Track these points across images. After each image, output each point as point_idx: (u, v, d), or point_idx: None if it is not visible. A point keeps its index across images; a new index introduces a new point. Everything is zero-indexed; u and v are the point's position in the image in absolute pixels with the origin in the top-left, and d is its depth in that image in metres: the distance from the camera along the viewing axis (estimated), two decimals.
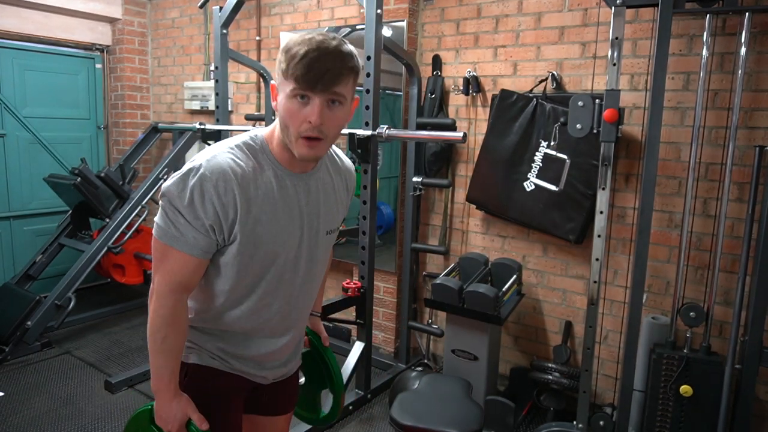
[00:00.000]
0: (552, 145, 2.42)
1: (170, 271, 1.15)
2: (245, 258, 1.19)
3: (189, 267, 1.15)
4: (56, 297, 3.21)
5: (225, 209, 1.12)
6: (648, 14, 2.33)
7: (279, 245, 1.22)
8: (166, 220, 1.13)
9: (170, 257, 1.14)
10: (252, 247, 1.18)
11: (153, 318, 1.17)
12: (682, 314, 2.09)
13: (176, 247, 1.13)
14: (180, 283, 1.16)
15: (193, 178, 1.10)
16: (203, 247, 1.14)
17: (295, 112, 1.09)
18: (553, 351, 2.65)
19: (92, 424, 2.48)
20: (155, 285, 1.16)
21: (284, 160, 1.20)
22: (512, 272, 2.61)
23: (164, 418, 1.20)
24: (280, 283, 1.27)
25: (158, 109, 4.50)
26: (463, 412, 1.99)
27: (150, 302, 1.18)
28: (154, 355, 1.18)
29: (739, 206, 2.21)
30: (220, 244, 1.17)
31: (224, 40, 3.02)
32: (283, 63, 1.09)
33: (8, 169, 3.84)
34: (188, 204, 1.10)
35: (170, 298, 1.16)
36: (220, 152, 1.16)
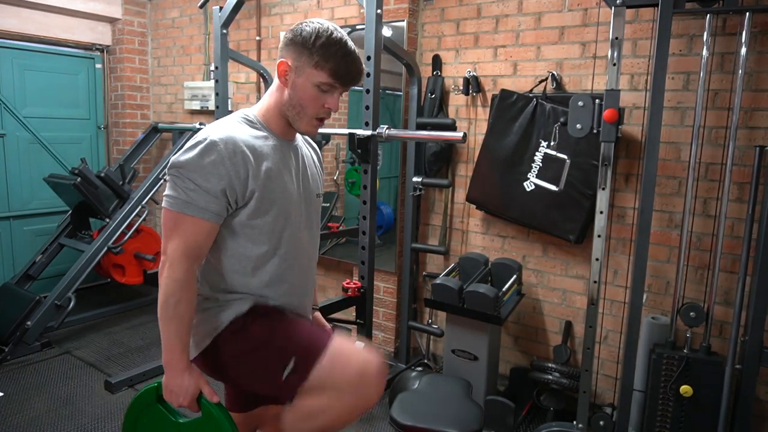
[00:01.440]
0: (552, 145, 2.42)
1: (183, 238, 1.17)
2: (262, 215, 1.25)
3: (202, 232, 1.19)
4: (56, 297, 3.21)
5: (236, 168, 1.18)
6: (648, 14, 2.33)
7: (288, 201, 1.30)
8: (177, 188, 1.17)
9: (183, 224, 1.17)
10: (268, 203, 1.25)
11: (166, 284, 1.17)
12: (682, 314, 2.09)
13: (188, 213, 1.17)
14: (193, 249, 1.19)
15: (202, 146, 1.17)
16: (215, 210, 1.18)
17: (316, 97, 1.24)
18: (553, 351, 2.65)
19: (92, 424, 2.48)
20: (168, 254, 1.18)
21: (278, 130, 1.32)
22: (512, 272, 2.61)
23: (175, 391, 1.20)
24: (297, 243, 1.34)
25: (158, 109, 4.50)
26: (463, 412, 1.99)
27: (161, 274, 1.18)
28: (167, 323, 1.19)
29: (739, 206, 2.21)
30: (232, 207, 1.21)
31: (224, 40, 3.01)
32: (316, 55, 1.21)
33: (8, 169, 3.84)
34: (199, 169, 1.15)
35: (184, 263, 1.18)
36: (224, 124, 1.25)
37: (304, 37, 1.22)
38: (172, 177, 1.18)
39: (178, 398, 1.20)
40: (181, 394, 1.20)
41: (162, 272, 1.19)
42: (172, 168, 1.18)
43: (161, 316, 1.19)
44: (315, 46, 1.21)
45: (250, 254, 1.27)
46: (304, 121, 1.27)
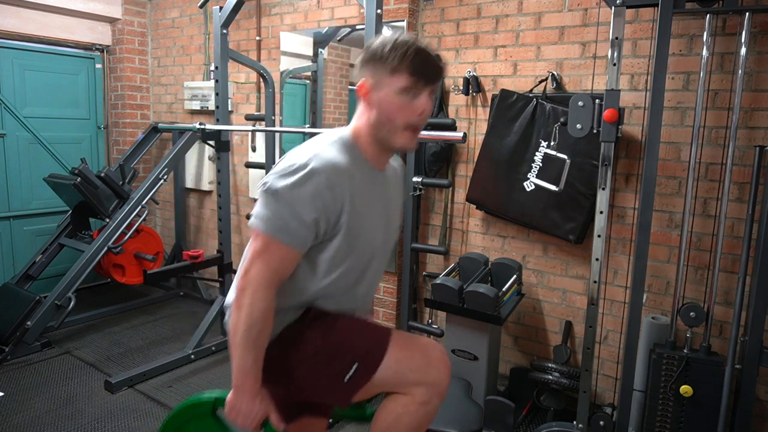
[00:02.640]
0: (552, 145, 2.42)
1: (271, 263, 1.15)
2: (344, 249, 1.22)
3: (288, 259, 1.17)
4: (56, 297, 3.21)
5: (334, 201, 1.15)
6: (648, 14, 2.33)
7: (373, 237, 1.27)
8: (271, 212, 1.14)
9: (272, 249, 1.15)
10: (353, 239, 1.22)
11: (251, 312, 1.14)
12: (682, 314, 2.09)
13: (280, 239, 1.14)
14: (277, 276, 1.17)
15: (303, 173, 1.12)
16: (304, 239, 1.16)
17: (404, 105, 1.18)
18: (553, 351, 2.65)
19: (92, 424, 2.48)
20: (251, 277, 1.15)
21: (371, 157, 1.27)
22: (512, 272, 2.61)
23: (244, 413, 1.19)
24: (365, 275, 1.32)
25: (158, 109, 4.50)
26: (463, 412, 1.99)
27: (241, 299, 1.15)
28: (246, 351, 1.16)
29: (739, 206, 2.20)
30: (319, 238, 1.19)
31: (224, 40, 3.02)
32: (389, 61, 1.16)
33: (8, 169, 3.84)
34: (297, 197, 1.12)
35: (269, 291, 1.16)
36: (323, 148, 1.19)
37: (374, 50, 1.19)
38: (267, 198, 1.15)
39: (245, 421, 1.20)
40: (249, 416, 1.19)
41: (242, 297, 1.15)
42: (268, 190, 1.14)
43: (240, 342, 1.15)
44: (385, 52, 1.17)
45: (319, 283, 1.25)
46: (398, 136, 1.21)
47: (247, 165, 3.70)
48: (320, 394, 1.31)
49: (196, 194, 4.33)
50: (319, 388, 1.28)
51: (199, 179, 4.22)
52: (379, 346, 1.25)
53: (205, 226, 4.31)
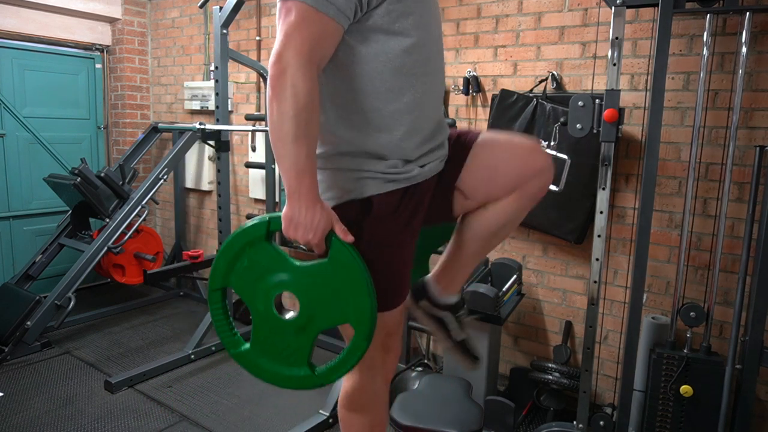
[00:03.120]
0: (552, 145, 2.41)
1: (307, 38, 0.97)
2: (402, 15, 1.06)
3: (327, 33, 1.00)
4: (56, 297, 3.21)
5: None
6: (648, 14, 2.33)
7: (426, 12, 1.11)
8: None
9: (308, 20, 0.98)
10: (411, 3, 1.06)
11: (295, 93, 0.96)
12: (682, 314, 2.09)
13: (313, 5, 0.97)
14: (316, 54, 0.99)
15: None
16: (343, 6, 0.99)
17: None
18: (553, 351, 2.65)
19: (92, 424, 2.48)
20: (287, 58, 0.97)
21: None
22: (512, 272, 2.61)
23: (304, 224, 1.00)
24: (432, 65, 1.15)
25: (158, 109, 4.50)
26: (463, 412, 1.99)
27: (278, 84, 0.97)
28: (297, 144, 0.98)
29: (739, 206, 2.20)
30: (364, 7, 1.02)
31: (224, 40, 3.02)
32: None
33: (8, 169, 3.84)
34: None
35: (310, 70, 0.97)
36: None
37: None
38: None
39: (306, 234, 1.00)
40: (311, 229, 1.00)
41: (280, 83, 0.97)
42: None
43: (288, 134, 0.97)
44: None
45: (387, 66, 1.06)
46: None
47: (247, 165, 3.71)
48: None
49: (196, 194, 4.33)
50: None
51: (199, 179, 4.22)
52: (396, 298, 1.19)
53: (205, 226, 4.31)
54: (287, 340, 1.10)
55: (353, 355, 1.10)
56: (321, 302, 1.06)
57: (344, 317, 1.08)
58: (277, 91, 0.97)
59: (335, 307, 1.06)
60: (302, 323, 1.08)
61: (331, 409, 2.47)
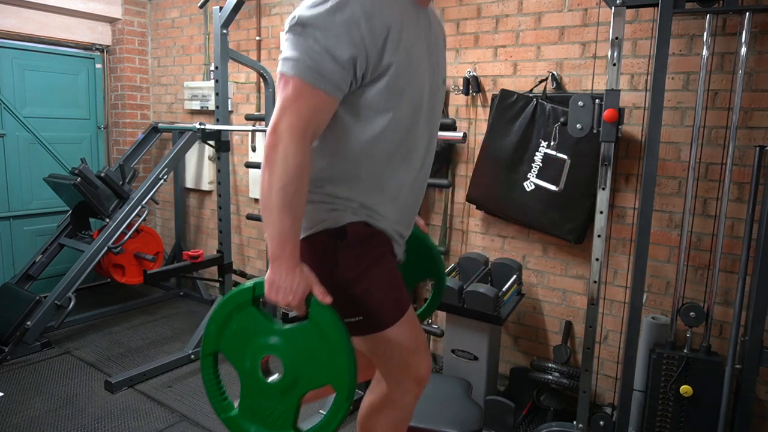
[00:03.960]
0: (552, 145, 2.42)
1: (303, 111, 1.01)
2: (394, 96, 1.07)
3: (322, 108, 1.02)
4: (56, 297, 3.21)
5: (373, 34, 1.00)
6: (648, 14, 2.33)
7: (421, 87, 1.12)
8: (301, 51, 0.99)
9: (304, 95, 1.00)
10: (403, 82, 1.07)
11: (285, 167, 1.00)
12: (682, 314, 2.09)
13: (310, 81, 0.99)
14: (310, 126, 1.03)
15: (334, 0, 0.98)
16: (339, 82, 1.01)
17: None
18: (553, 351, 2.65)
19: (92, 424, 2.48)
20: (282, 131, 1.01)
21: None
22: (512, 272, 2.61)
23: (284, 288, 1.04)
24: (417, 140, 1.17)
25: (158, 109, 4.50)
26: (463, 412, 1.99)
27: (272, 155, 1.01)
28: (283, 214, 1.02)
29: (739, 206, 2.21)
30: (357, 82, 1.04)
31: (224, 40, 3.01)
32: None
33: (8, 169, 3.84)
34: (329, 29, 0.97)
35: (303, 143, 1.01)
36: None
37: None
38: (295, 35, 0.99)
39: (286, 296, 1.04)
40: (290, 293, 1.04)
41: (273, 154, 1.00)
42: (295, 25, 0.99)
43: (275, 205, 1.01)
44: None
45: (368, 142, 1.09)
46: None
47: (247, 165, 3.71)
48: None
49: (196, 194, 4.33)
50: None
51: (199, 179, 4.22)
52: (391, 315, 1.16)
53: (205, 226, 4.31)
54: (273, 403, 1.13)
55: (336, 417, 1.10)
56: (303, 364, 1.09)
57: (326, 378, 1.09)
58: (270, 162, 1.02)
59: (317, 368, 1.08)
60: (287, 386, 1.11)
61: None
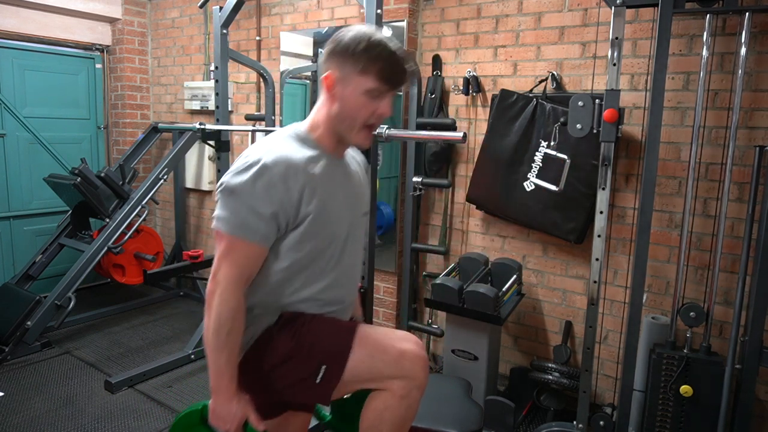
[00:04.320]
0: (552, 145, 2.41)
1: (236, 262, 1.17)
2: (311, 239, 1.23)
3: (253, 255, 1.19)
4: (56, 297, 3.21)
5: (289, 193, 1.16)
6: (648, 14, 2.33)
7: (338, 225, 1.28)
8: (229, 211, 1.15)
9: (236, 248, 1.16)
10: (319, 226, 1.22)
11: (220, 311, 1.16)
12: (682, 314, 2.09)
13: (241, 236, 1.15)
14: (243, 274, 1.19)
15: (255, 169, 1.14)
16: (266, 234, 1.17)
17: (366, 105, 1.21)
18: (553, 351, 2.65)
19: (92, 424, 2.48)
20: (219, 279, 1.17)
21: (329, 147, 1.28)
22: (512, 272, 2.61)
23: (223, 417, 1.20)
24: (341, 265, 1.32)
25: (158, 109, 4.50)
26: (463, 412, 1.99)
27: (211, 300, 1.18)
28: (218, 352, 1.18)
29: (739, 206, 2.21)
30: (282, 231, 1.20)
31: (224, 40, 3.01)
32: (360, 61, 1.17)
33: (8, 169, 3.84)
34: (252, 193, 1.14)
35: (237, 290, 1.18)
36: (276, 143, 1.21)
37: (346, 44, 1.19)
38: (224, 198, 1.16)
39: (225, 424, 1.20)
40: (228, 420, 1.20)
41: (212, 299, 1.17)
42: (224, 190, 1.16)
43: (212, 344, 1.17)
44: (357, 51, 1.17)
45: (293, 276, 1.25)
46: (355, 133, 1.24)
47: None
48: (298, 396, 1.32)
49: (196, 194, 4.33)
50: (296, 390, 1.29)
51: (199, 179, 4.22)
52: (343, 347, 1.26)
53: (205, 226, 4.31)
54: None
55: None
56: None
57: None
58: (209, 306, 1.18)
59: None
60: None
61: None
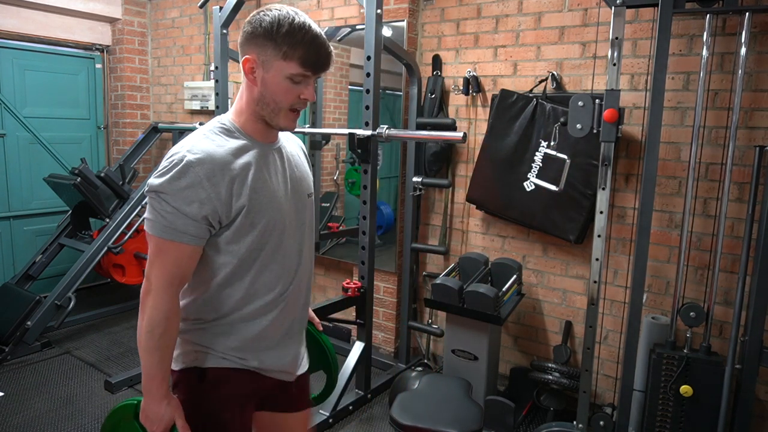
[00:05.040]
0: (552, 145, 2.41)
1: (166, 264, 1.14)
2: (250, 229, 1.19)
3: (184, 256, 1.14)
4: (56, 297, 3.21)
5: (217, 190, 1.13)
6: (648, 14, 2.33)
7: (278, 211, 1.24)
8: (156, 213, 1.12)
9: (165, 249, 1.13)
10: (257, 216, 1.19)
11: (152, 314, 1.14)
12: (682, 314, 2.09)
13: (168, 237, 1.12)
14: (176, 275, 1.15)
15: (178, 168, 1.10)
16: (196, 233, 1.13)
17: (289, 89, 1.18)
18: (553, 351, 2.65)
19: (92, 424, 2.48)
20: (152, 280, 1.14)
21: (257, 134, 1.25)
22: (512, 272, 2.61)
23: (151, 418, 1.19)
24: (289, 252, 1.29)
25: (158, 109, 4.50)
26: (463, 412, 1.99)
27: (144, 302, 1.15)
28: (150, 353, 1.16)
29: (739, 206, 2.21)
30: (215, 228, 1.17)
31: (224, 40, 3.02)
32: (282, 45, 1.15)
33: (8, 169, 3.84)
34: (177, 193, 1.10)
35: (168, 292, 1.15)
36: (199, 139, 1.18)
37: (265, 28, 1.16)
38: (150, 199, 1.13)
39: (152, 425, 1.18)
40: (156, 422, 1.18)
41: (146, 300, 1.15)
42: (149, 191, 1.13)
43: (144, 345, 1.15)
44: (279, 35, 1.14)
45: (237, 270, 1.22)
46: (281, 117, 1.21)
47: None
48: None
49: None
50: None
51: None
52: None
53: None
54: None
55: None
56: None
57: None
58: (142, 308, 1.15)
59: None
60: None
61: (331, 409, 2.47)
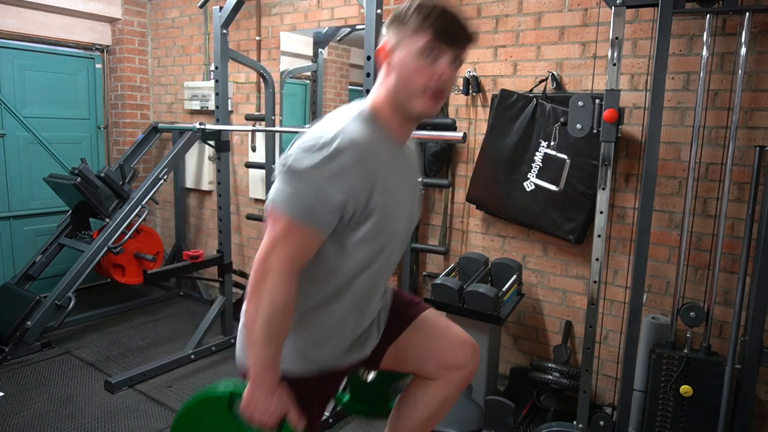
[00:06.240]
0: (552, 145, 2.41)
1: (295, 248, 1.06)
2: (375, 231, 1.13)
3: (312, 244, 1.08)
4: (56, 297, 3.21)
5: (363, 181, 1.06)
6: (648, 14, 2.33)
7: (400, 218, 1.20)
8: (292, 191, 1.04)
9: (294, 231, 1.05)
10: (384, 220, 1.13)
11: (274, 300, 1.05)
12: (682, 314, 2.09)
13: (302, 218, 1.04)
14: (298, 261, 1.08)
15: (330, 150, 1.03)
16: (328, 220, 1.07)
17: (422, 68, 1.09)
18: (553, 351, 2.65)
19: (92, 424, 2.48)
20: (272, 264, 1.05)
21: (393, 130, 1.18)
22: (512, 272, 2.61)
23: (260, 410, 1.10)
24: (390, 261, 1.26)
25: (158, 109, 4.50)
26: (463, 412, 1.99)
27: (261, 287, 1.06)
28: (266, 344, 1.08)
29: (739, 206, 2.21)
30: (344, 221, 1.10)
31: (224, 40, 3.02)
32: (412, 20, 1.09)
33: (8, 169, 3.84)
34: (323, 175, 1.03)
35: (291, 280, 1.07)
36: (348, 123, 1.10)
37: (398, 11, 1.12)
38: (289, 176, 1.05)
39: (262, 416, 1.10)
40: (267, 414, 1.10)
41: (261, 286, 1.05)
42: (290, 168, 1.05)
43: (260, 335, 1.06)
44: (409, 12, 1.09)
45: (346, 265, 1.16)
46: (417, 101, 1.11)
47: (247, 165, 3.71)
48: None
49: (196, 194, 4.33)
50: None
51: (199, 179, 4.22)
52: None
53: (205, 226, 4.31)
54: None
55: None
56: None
57: None
58: (258, 293, 1.06)
59: None
60: None
61: (331, 409, 2.47)
